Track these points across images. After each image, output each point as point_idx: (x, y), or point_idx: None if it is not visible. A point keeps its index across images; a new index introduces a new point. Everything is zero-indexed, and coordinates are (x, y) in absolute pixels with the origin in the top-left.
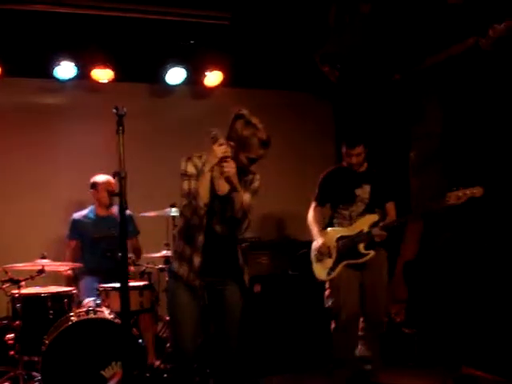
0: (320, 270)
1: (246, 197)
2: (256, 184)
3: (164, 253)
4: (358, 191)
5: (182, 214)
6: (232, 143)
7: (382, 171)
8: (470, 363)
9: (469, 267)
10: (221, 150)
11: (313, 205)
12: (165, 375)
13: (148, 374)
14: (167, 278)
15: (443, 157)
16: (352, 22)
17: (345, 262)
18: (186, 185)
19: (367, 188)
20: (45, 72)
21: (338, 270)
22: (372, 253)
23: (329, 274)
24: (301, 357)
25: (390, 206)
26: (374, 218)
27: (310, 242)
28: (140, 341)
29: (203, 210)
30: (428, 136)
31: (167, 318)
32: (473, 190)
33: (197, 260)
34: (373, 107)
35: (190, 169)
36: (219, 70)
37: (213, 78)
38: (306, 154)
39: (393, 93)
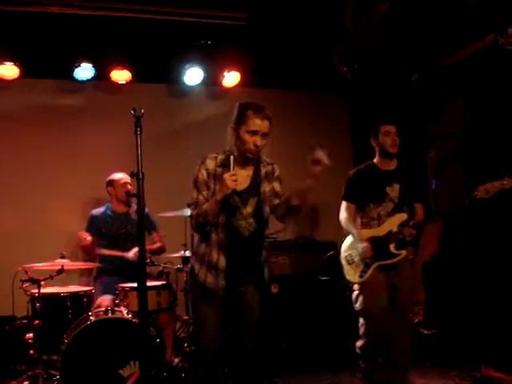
0: (352, 273)
1: (276, 186)
2: (277, 172)
3: (182, 253)
4: (388, 189)
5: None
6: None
7: (411, 170)
8: (489, 364)
9: (488, 268)
10: (232, 179)
11: (344, 204)
12: (183, 375)
13: (165, 374)
14: (185, 278)
15: (463, 155)
16: (369, 21)
17: (377, 264)
18: (194, 194)
19: (397, 187)
20: (64, 73)
21: (370, 271)
22: (404, 252)
23: (361, 276)
24: (318, 356)
25: (419, 207)
26: (403, 216)
27: (328, 242)
28: (158, 340)
29: (209, 225)
30: (448, 135)
31: (185, 318)
32: (502, 182)
33: (221, 260)
34: (390, 107)
35: (202, 174)
36: (237, 70)
37: (231, 78)
38: None
39: (411, 92)
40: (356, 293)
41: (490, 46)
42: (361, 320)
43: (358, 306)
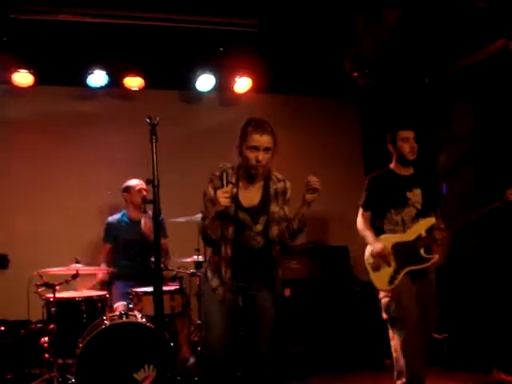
0: (380, 280)
1: (286, 209)
2: (289, 194)
3: (195, 258)
4: (409, 194)
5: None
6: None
7: (428, 175)
8: (501, 368)
9: (498, 272)
10: (225, 196)
11: (360, 211)
12: (195, 378)
13: (179, 377)
14: (198, 283)
15: (474, 160)
16: (380, 27)
17: (407, 269)
18: (203, 207)
19: (418, 192)
20: (77, 80)
21: (400, 277)
22: (436, 256)
23: (391, 283)
24: (332, 360)
25: (437, 212)
26: (431, 221)
27: (339, 247)
28: (172, 344)
29: (213, 240)
30: (458, 139)
31: (198, 322)
32: None
33: (227, 273)
34: (401, 111)
35: (209, 192)
36: (248, 76)
37: (242, 84)
38: (333, 158)
39: (422, 96)
40: (386, 300)
41: (501, 51)
42: (392, 334)
43: (387, 314)
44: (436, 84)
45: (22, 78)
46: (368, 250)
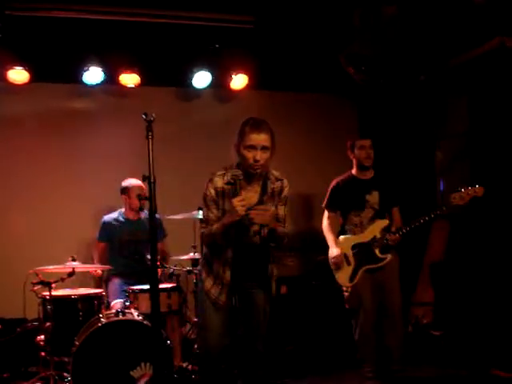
0: (342, 278)
1: (280, 209)
2: (285, 193)
3: (191, 255)
4: (368, 197)
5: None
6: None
7: (387, 177)
8: (498, 365)
9: (497, 268)
10: (241, 205)
11: (325, 213)
12: (192, 376)
13: (176, 375)
14: (195, 280)
15: (470, 156)
16: (377, 23)
17: (364, 268)
18: (204, 211)
19: (376, 194)
20: (73, 77)
21: (358, 276)
22: (389, 256)
23: (351, 280)
24: (327, 358)
25: (396, 211)
26: (384, 223)
27: None
28: (168, 342)
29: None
30: (455, 135)
31: (195, 320)
32: (475, 190)
33: (227, 274)
34: (398, 108)
35: (210, 192)
36: (244, 73)
37: (238, 81)
38: (329, 155)
39: (418, 93)
40: (346, 294)
41: (497, 48)
42: (353, 323)
43: (347, 306)
44: (432, 81)
45: (18, 74)
46: (329, 252)
